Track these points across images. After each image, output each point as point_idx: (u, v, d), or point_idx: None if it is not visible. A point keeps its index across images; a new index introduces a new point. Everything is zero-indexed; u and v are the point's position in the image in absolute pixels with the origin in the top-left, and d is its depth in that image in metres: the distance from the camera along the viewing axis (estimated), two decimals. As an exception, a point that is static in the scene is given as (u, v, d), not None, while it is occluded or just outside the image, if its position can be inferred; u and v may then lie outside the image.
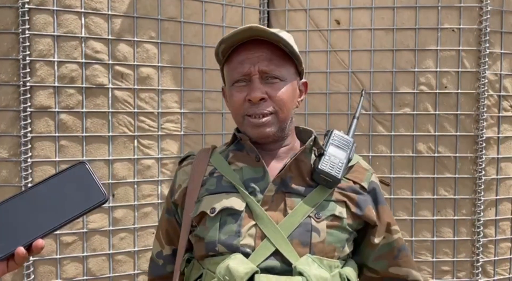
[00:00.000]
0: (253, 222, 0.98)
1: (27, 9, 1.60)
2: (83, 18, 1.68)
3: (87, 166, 0.76)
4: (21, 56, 1.60)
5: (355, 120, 1.23)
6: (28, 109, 1.61)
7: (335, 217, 1.01)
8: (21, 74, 1.60)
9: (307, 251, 0.97)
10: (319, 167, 1.02)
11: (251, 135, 1.05)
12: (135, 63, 1.77)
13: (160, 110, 1.82)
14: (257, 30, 1.00)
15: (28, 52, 1.60)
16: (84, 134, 1.70)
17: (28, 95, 1.61)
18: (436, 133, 1.96)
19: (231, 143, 1.13)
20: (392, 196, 1.95)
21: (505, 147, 2.03)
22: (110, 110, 1.74)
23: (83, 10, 1.68)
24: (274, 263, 0.95)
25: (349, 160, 1.08)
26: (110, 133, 1.74)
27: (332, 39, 1.98)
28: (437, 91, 1.95)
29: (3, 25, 1.60)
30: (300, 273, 0.92)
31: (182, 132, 1.87)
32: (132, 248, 1.79)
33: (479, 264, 1.97)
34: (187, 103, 1.88)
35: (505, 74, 2.01)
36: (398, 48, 1.95)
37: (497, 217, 2.02)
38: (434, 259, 1.97)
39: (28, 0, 1.60)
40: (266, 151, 1.07)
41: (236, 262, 0.93)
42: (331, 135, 1.10)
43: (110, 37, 1.72)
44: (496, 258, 2.03)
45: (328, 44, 1.98)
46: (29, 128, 1.62)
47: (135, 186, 1.79)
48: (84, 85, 1.69)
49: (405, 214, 1.97)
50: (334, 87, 1.98)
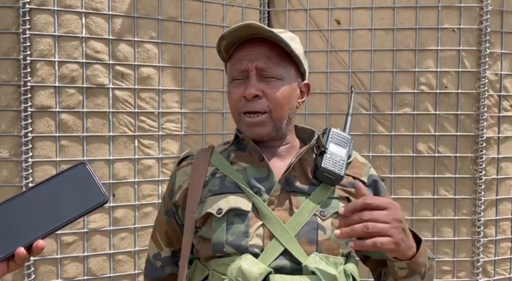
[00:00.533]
0: (261, 222, 0.98)
1: (27, 9, 1.60)
2: (83, 18, 1.68)
3: (87, 166, 0.76)
4: (21, 56, 1.60)
5: (349, 117, 1.22)
6: (29, 109, 1.62)
7: (339, 214, 1.01)
8: (22, 74, 1.60)
9: (314, 249, 0.97)
10: (323, 165, 1.02)
11: (247, 135, 1.05)
12: (136, 63, 1.77)
13: (160, 110, 1.82)
14: (255, 27, 1.00)
15: (28, 52, 1.60)
16: (85, 134, 1.70)
17: (29, 95, 1.61)
18: (437, 133, 1.96)
19: (232, 143, 1.13)
20: (392, 196, 1.95)
21: (505, 147, 2.03)
22: (111, 110, 1.74)
23: (83, 10, 1.68)
24: (284, 262, 0.95)
25: (349, 157, 1.09)
26: (111, 133, 1.74)
27: (332, 39, 1.98)
28: (437, 91, 1.95)
29: (3, 25, 1.60)
30: (313, 272, 0.92)
31: (182, 132, 1.87)
32: (133, 248, 1.79)
33: (479, 264, 1.97)
34: (187, 103, 1.88)
35: (505, 74, 2.01)
36: (398, 48, 1.95)
37: (497, 217, 2.02)
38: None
39: (28, 0, 1.60)
40: (267, 148, 1.07)
41: (248, 263, 0.92)
42: (330, 133, 1.10)
43: (110, 37, 1.72)
44: (496, 258, 2.02)
45: (329, 44, 1.98)
46: (30, 128, 1.62)
47: (136, 186, 1.79)
48: (84, 85, 1.69)
49: (405, 214, 1.96)
50: (334, 87, 1.98)
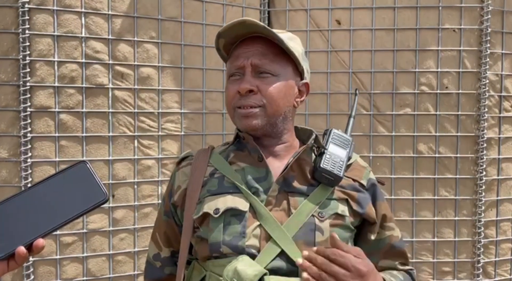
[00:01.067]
0: (258, 223, 0.98)
1: (27, 9, 1.59)
2: (83, 18, 1.68)
3: (87, 165, 0.75)
4: (21, 56, 1.59)
5: (352, 119, 1.23)
6: (28, 109, 1.61)
7: (338, 216, 1.01)
8: (21, 74, 1.60)
9: None
10: (321, 165, 1.02)
11: (240, 127, 1.06)
12: (135, 63, 1.76)
13: (160, 111, 1.82)
14: (250, 24, 1.01)
15: (28, 52, 1.60)
16: (84, 134, 1.70)
17: (28, 95, 1.61)
18: (437, 134, 1.95)
19: (232, 142, 1.13)
20: (392, 197, 1.95)
21: (506, 147, 2.03)
22: (110, 110, 1.73)
23: (83, 10, 1.67)
24: (280, 263, 0.95)
25: (349, 158, 1.09)
26: (110, 134, 1.74)
27: (333, 39, 1.97)
28: (438, 91, 1.94)
29: (3, 25, 1.59)
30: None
31: (182, 133, 1.86)
32: (132, 249, 1.78)
33: (480, 265, 1.97)
34: (187, 104, 1.87)
35: (506, 74, 2.00)
36: (399, 48, 1.94)
37: (498, 218, 2.02)
38: (435, 260, 1.96)
39: (28, 0, 1.59)
40: (264, 147, 1.07)
41: (244, 264, 0.92)
42: (331, 134, 1.10)
43: (110, 37, 1.72)
44: (497, 259, 2.02)
45: (329, 44, 1.97)
46: (29, 128, 1.61)
47: (135, 186, 1.78)
48: (84, 85, 1.69)
49: (405, 214, 1.96)
50: (334, 87, 1.98)
